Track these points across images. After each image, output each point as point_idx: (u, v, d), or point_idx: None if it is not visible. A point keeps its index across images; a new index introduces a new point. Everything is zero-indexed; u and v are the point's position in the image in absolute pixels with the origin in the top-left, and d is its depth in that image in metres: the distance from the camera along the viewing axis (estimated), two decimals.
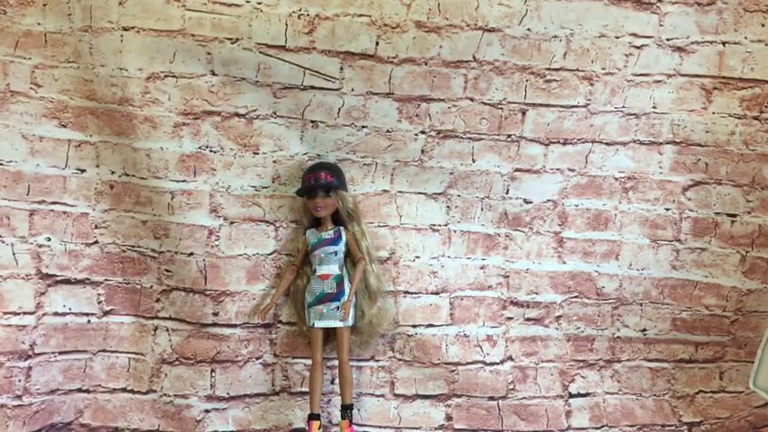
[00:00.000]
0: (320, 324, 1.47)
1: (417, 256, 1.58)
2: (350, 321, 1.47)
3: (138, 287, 1.54)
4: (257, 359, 1.57)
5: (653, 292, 1.61)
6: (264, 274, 1.54)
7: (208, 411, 1.55)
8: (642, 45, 1.50)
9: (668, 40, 1.50)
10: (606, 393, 1.63)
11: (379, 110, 1.50)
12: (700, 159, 1.57)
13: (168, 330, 1.55)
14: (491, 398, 1.60)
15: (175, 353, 1.55)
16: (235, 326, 1.54)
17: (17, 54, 1.43)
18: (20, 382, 1.45)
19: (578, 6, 1.46)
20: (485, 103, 1.51)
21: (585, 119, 1.53)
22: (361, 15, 1.43)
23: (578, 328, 1.63)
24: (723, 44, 1.51)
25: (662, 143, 1.56)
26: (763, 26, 1.51)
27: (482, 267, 1.60)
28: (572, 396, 1.63)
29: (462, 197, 1.57)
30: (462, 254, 1.59)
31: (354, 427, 1.48)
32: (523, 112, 1.52)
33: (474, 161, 1.55)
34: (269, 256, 1.54)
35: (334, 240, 1.49)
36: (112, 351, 1.55)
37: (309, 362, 1.52)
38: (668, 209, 1.59)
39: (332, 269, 1.48)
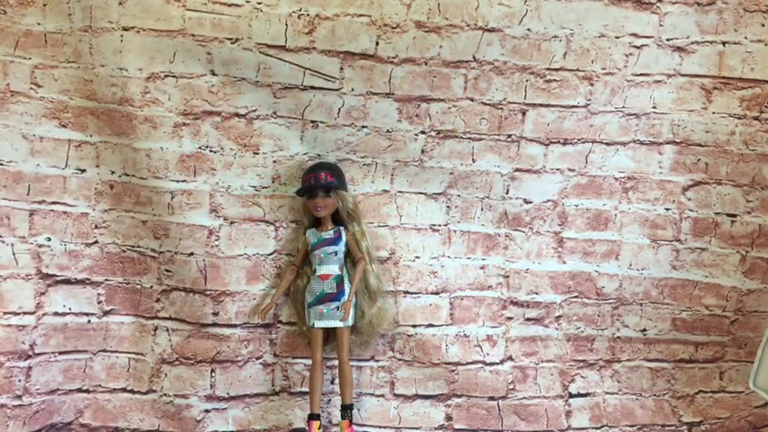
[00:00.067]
0: (320, 324, 1.47)
1: (417, 256, 1.58)
2: (350, 321, 1.47)
3: (138, 287, 1.54)
4: (257, 359, 1.57)
5: (653, 292, 1.61)
6: (264, 274, 1.54)
7: (208, 411, 1.55)
8: (642, 45, 1.50)
9: (668, 40, 1.50)
10: (606, 393, 1.63)
11: (379, 110, 1.50)
12: (700, 159, 1.57)
13: (168, 330, 1.55)
14: (491, 398, 1.60)
15: (175, 353, 1.55)
16: (235, 326, 1.54)
17: (17, 54, 1.43)
18: (20, 382, 1.45)
19: (578, 6, 1.46)
20: (485, 103, 1.51)
21: (585, 119, 1.53)
22: (361, 15, 1.43)
23: (578, 328, 1.63)
24: (723, 44, 1.51)
25: (662, 143, 1.56)
26: (763, 26, 1.51)
27: (482, 267, 1.60)
28: (572, 396, 1.63)
29: (462, 197, 1.57)
30: (462, 254, 1.59)
31: (354, 427, 1.48)
32: (523, 112, 1.52)
33: (474, 161, 1.55)
34: (269, 256, 1.54)
35: (334, 240, 1.49)
36: (112, 351, 1.55)
37: (309, 362, 1.52)
38: (668, 209, 1.59)
39: (332, 269, 1.48)
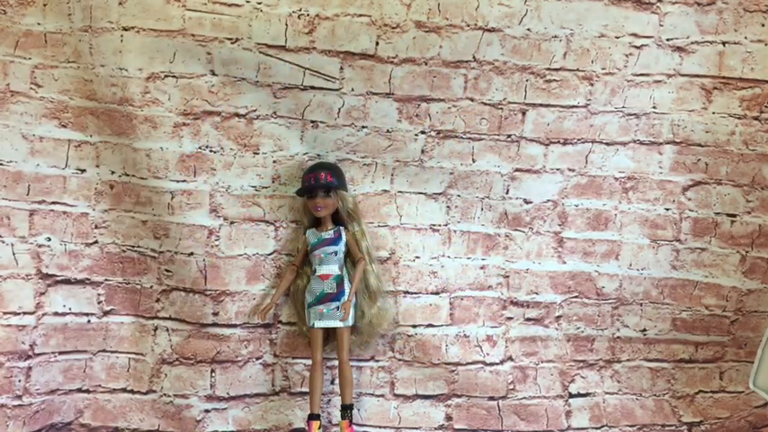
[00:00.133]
0: (320, 324, 1.47)
1: (417, 256, 1.58)
2: (350, 321, 1.47)
3: (138, 287, 1.54)
4: (257, 359, 1.57)
5: (653, 292, 1.61)
6: (264, 274, 1.54)
7: (208, 411, 1.55)
8: (642, 45, 1.50)
9: (668, 40, 1.50)
10: (606, 393, 1.63)
11: (379, 110, 1.50)
12: (700, 159, 1.57)
13: (168, 330, 1.55)
14: (491, 398, 1.60)
15: (175, 353, 1.55)
16: (235, 326, 1.54)
17: (17, 54, 1.43)
18: (20, 382, 1.45)
19: (578, 6, 1.46)
20: (485, 103, 1.51)
21: (585, 119, 1.53)
22: (361, 15, 1.43)
23: (578, 328, 1.63)
24: (723, 44, 1.51)
25: (662, 143, 1.56)
26: (763, 26, 1.51)
27: (482, 267, 1.60)
28: (572, 396, 1.63)
29: (462, 197, 1.57)
30: (462, 254, 1.59)
31: (354, 427, 1.48)
32: (523, 112, 1.52)
33: (474, 161, 1.55)
34: (269, 256, 1.54)
35: (334, 240, 1.49)
36: (112, 351, 1.55)
37: (309, 362, 1.52)
38: (668, 209, 1.59)
39: (332, 269, 1.48)
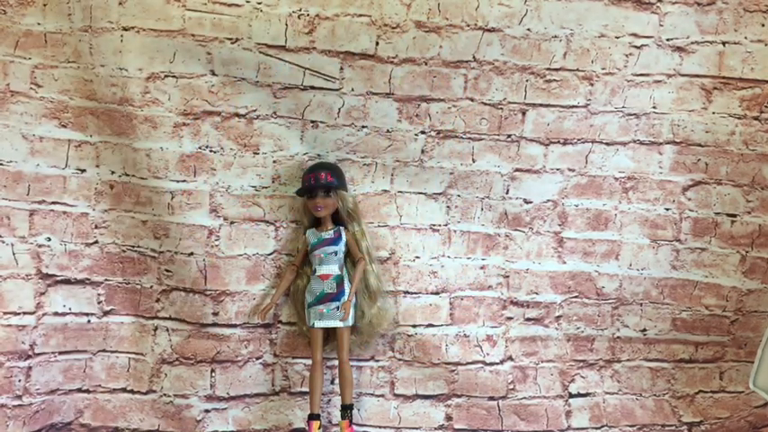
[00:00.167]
0: (320, 324, 1.47)
1: (417, 256, 1.58)
2: (350, 321, 1.47)
3: (138, 287, 1.54)
4: (257, 359, 1.57)
5: (653, 292, 1.61)
6: (264, 274, 1.54)
7: (208, 411, 1.55)
8: (642, 45, 1.50)
9: (668, 40, 1.50)
10: (606, 393, 1.63)
11: (379, 110, 1.50)
12: (700, 159, 1.57)
13: (168, 330, 1.55)
14: (491, 398, 1.60)
15: (175, 353, 1.55)
16: (235, 326, 1.54)
17: (17, 54, 1.43)
18: (20, 382, 1.45)
19: (578, 6, 1.46)
20: (485, 103, 1.51)
21: (585, 119, 1.53)
22: (361, 15, 1.43)
23: (578, 328, 1.63)
24: (723, 44, 1.51)
25: (662, 143, 1.56)
26: (763, 26, 1.51)
27: (482, 267, 1.60)
28: (572, 396, 1.63)
29: (462, 197, 1.57)
30: (462, 254, 1.59)
31: (354, 427, 1.48)
32: (523, 112, 1.52)
33: (474, 161, 1.55)
34: (269, 256, 1.54)
35: (334, 240, 1.49)
36: (112, 351, 1.55)
37: (309, 362, 1.52)
38: (668, 209, 1.59)
39: (332, 269, 1.48)
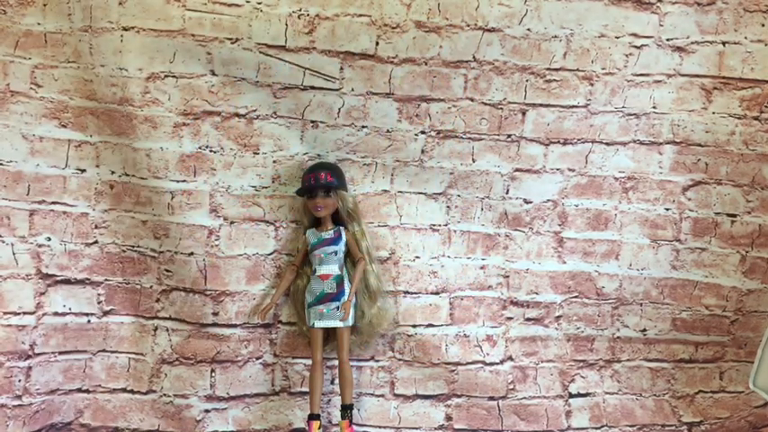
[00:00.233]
0: (320, 324, 1.47)
1: (417, 256, 1.58)
2: (350, 321, 1.47)
3: (138, 287, 1.54)
4: (257, 359, 1.57)
5: (653, 292, 1.61)
6: (264, 274, 1.54)
7: (208, 411, 1.55)
8: (642, 45, 1.50)
9: (668, 40, 1.50)
10: (606, 393, 1.63)
11: (379, 110, 1.50)
12: (700, 159, 1.57)
13: (168, 330, 1.55)
14: (491, 398, 1.60)
15: (175, 353, 1.55)
16: (235, 326, 1.54)
17: (17, 54, 1.43)
18: (20, 382, 1.45)
19: (578, 6, 1.46)
20: (485, 103, 1.51)
21: (585, 119, 1.53)
22: (361, 15, 1.43)
23: (578, 328, 1.63)
24: (723, 44, 1.51)
25: (662, 143, 1.56)
26: (763, 26, 1.51)
27: (482, 267, 1.60)
28: (572, 396, 1.63)
29: (462, 197, 1.57)
30: (462, 254, 1.59)
31: (354, 427, 1.48)
32: (523, 112, 1.52)
33: (474, 161, 1.55)
34: (269, 256, 1.54)
35: (334, 240, 1.49)
36: (112, 351, 1.55)
37: (309, 362, 1.52)
38: (668, 209, 1.59)
39: (332, 269, 1.48)
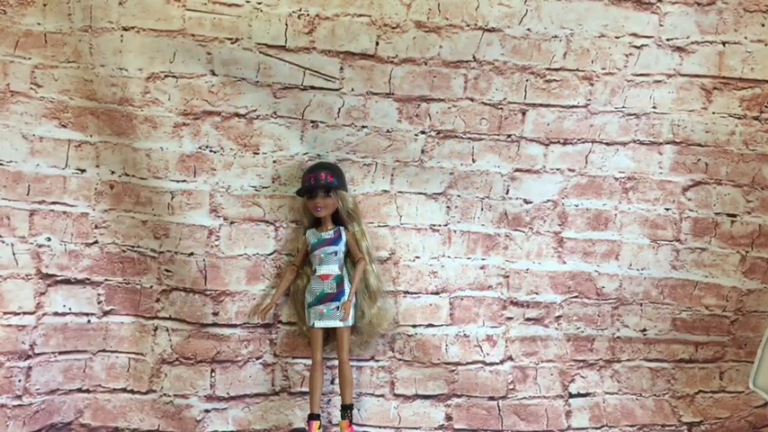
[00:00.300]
0: (320, 324, 1.47)
1: (417, 256, 1.58)
2: (350, 321, 1.47)
3: (138, 287, 1.54)
4: (257, 359, 1.57)
5: (653, 292, 1.61)
6: (264, 274, 1.54)
7: (208, 411, 1.55)
8: (642, 45, 1.50)
9: (668, 40, 1.50)
10: (606, 393, 1.63)
11: (379, 110, 1.50)
12: (700, 159, 1.57)
13: (168, 330, 1.55)
14: (491, 398, 1.60)
15: (175, 353, 1.55)
16: (235, 326, 1.54)
17: (17, 54, 1.43)
18: (20, 382, 1.45)
19: (578, 6, 1.46)
20: (485, 103, 1.51)
21: (585, 119, 1.53)
22: (361, 15, 1.43)
23: (578, 328, 1.62)
24: (723, 44, 1.51)
25: (662, 143, 1.56)
26: (763, 26, 1.51)
27: (482, 267, 1.60)
28: (572, 396, 1.63)
29: (462, 197, 1.57)
30: (462, 254, 1.59)
31: (354, 427, 1.48)
32: (523, 112, 1.52)
33: (474, 161, 1.55)
34: (269, 256, 1.54)
35: (334, 240, 1.49)
36: (112, 351, 1.55)
37: (309, 362, 1.52)
38: (668, 209, 1.59)
39: (332, 269, 1.48)
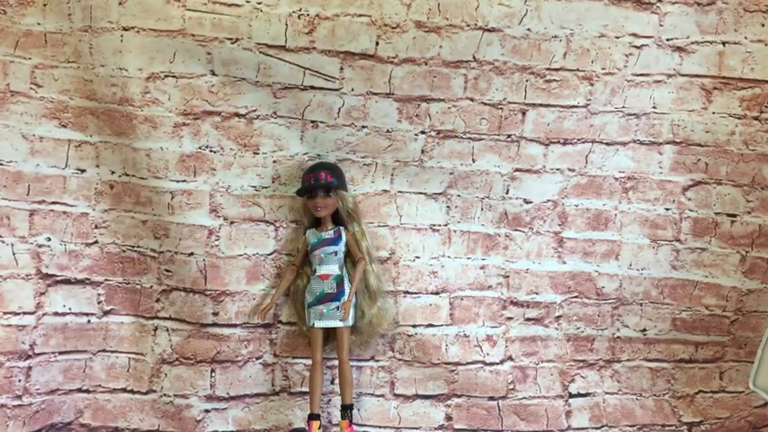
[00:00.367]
0: (320, 324, 1.47)
1: (417, 256, 1.58)
2: (350, 321, 1.47)
3: (138, 287, 1.54)
4: (257, 359, 1.57)
5: (653, 292, 1.61)
6: (264, 274, 1.54)
7: (208, 411, 1.55)
8: (642, 45, 1.50)
9: (668, 40, 1.50)
10: (606, 393, 1.63)
11: (379, 110, 1.50)
12: (700, 159, 1.57)
13: (168, 330, 1.55)
14: (491, 398, 1.60)
15: (175, 353, 1.55)
16: (235, 326, 1.54)
17: (17, 54, 1.43)
18: (20, 382, 1.45)
19: (578, 6, 1.46)
20: (485, 103, 1.51)
21: (585, 119, 1.53)
22: (361, 15, 1.43)
23: (578, 328, 1.63)
24: (723, 44, 1.51)
25: (662, 143, 1.56)
26: (763, 26, 1.51)
27: (482, 267, 1.60)
28: (572, 396, 1.63)
29: (462, 197, 1.57)
30: (462, 254, 1.59)
31: (354, 427, 1.48)
32: (523, 112, 1.52)
33: (474, 161, 1.55)
34: (269, 256, 1.54)
35: (334, 240, 1.49)
36: (112, 351, 1.55)
37: (309, 362, 1.52)
38: (668, 209, 1.59)
39: (332, 269, 1.48)
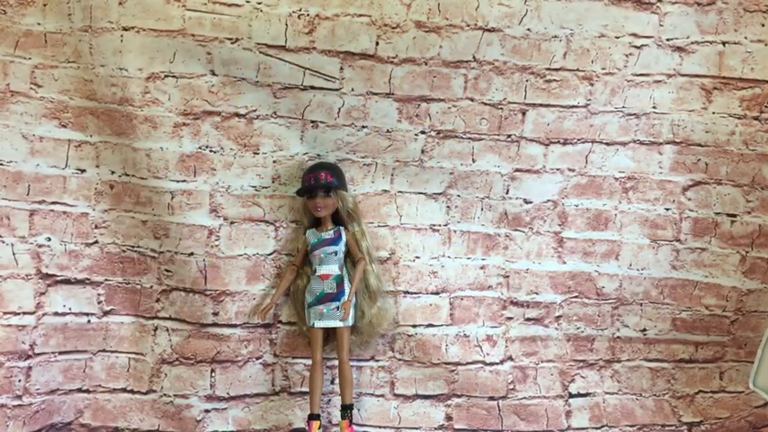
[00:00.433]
0: (320, 324, 1.47)
1: (417, 256, 1.58)
2: (350, 321, 1.47)
3: (138, 287, 1.54)
4: (257, 359, 1.57)
5: (653, 292, 1.61)
6: (264, 274, 1.54)
7: (208, 411, 1.55)
8: (642, 45, 1.50)
9: (668, 40, 1.50)
10: (606, 393, 1.63)
11: (379, 110, 1.50)
12: (700, 159, 1.57)
13: (168, 330, 1.55)
14: (491, 398, 1.60)
15: (175, 353, 1.55)
16: (235, 326, 1.54)
17: (17, 54, 1.43)
18: (20, 382, 1.45)
19: (578, 6, 1.46)
20: (485, 103, 1.51)
21: (585, 119, 1.53)
22: (361, 15, 1.43)
23: (578, 328, 1.63)
24: (723, 44, 1.51)
25: (662, 143, 1.56)
26: (763, 26, 1.51)
27: (482, 267, 1.60)
28: (572, 396, 1.63)
29: (462, 197, 1.57)
30: (462, 254, 1.59)
31: (354, 427, 1.48)
32: (523, 112, 1.52)
33: (474, 161, 1.55)
34: (269, 256, 1.54)
35: (334, 240, 1.49)
36: (112, 351, 1.55)
37: (309, 362, 1.52)
38: (668, 209, 1.59)
39: (332, 269, 1.48)
